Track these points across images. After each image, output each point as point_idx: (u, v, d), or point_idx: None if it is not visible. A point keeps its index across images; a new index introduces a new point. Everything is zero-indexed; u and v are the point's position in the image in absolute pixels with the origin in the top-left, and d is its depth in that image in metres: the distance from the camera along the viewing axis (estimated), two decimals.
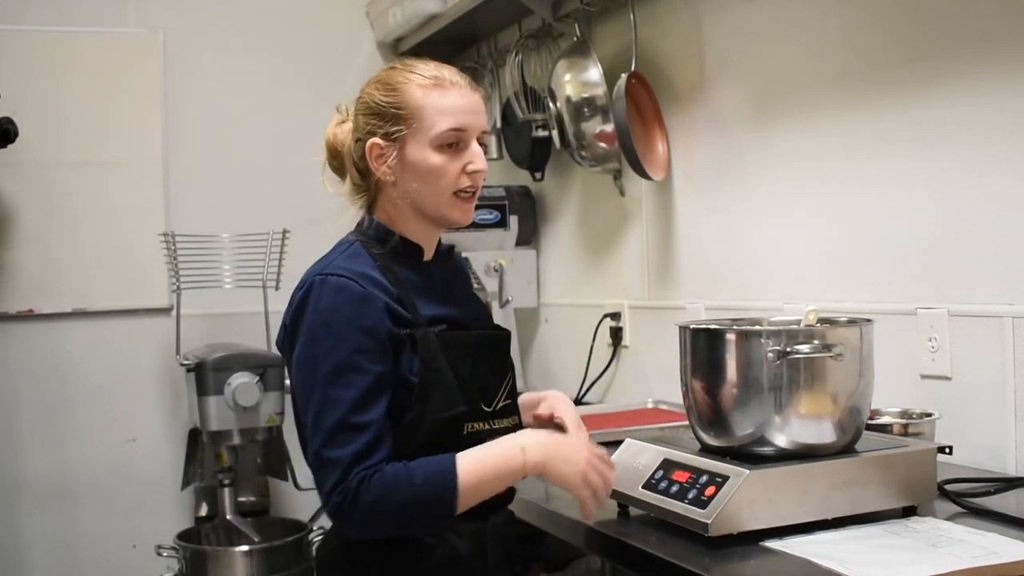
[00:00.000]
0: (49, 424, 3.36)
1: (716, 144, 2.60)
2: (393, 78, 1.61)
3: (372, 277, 1.55)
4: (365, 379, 1.48)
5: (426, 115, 1.57)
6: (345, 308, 1.51)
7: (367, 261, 1.59)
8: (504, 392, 1.64)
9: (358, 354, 1.49)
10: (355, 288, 1.52)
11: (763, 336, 1.52)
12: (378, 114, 1.59)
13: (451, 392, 1.55)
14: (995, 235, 1.88)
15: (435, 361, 1.54)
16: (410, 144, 1.57)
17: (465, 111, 1.59)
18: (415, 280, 1.62)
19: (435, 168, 1.57)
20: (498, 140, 3.44)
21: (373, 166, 1.60)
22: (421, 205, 1.61)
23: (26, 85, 3.28)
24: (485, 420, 1.60)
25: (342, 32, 3.66)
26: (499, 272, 3.21)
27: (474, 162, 1.59)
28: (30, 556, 3.34)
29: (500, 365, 1.66)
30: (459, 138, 1.58)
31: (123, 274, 3.42)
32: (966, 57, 1.92)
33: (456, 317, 1.63)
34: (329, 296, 1.52)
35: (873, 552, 1.39)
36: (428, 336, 1.55)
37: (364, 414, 1.48)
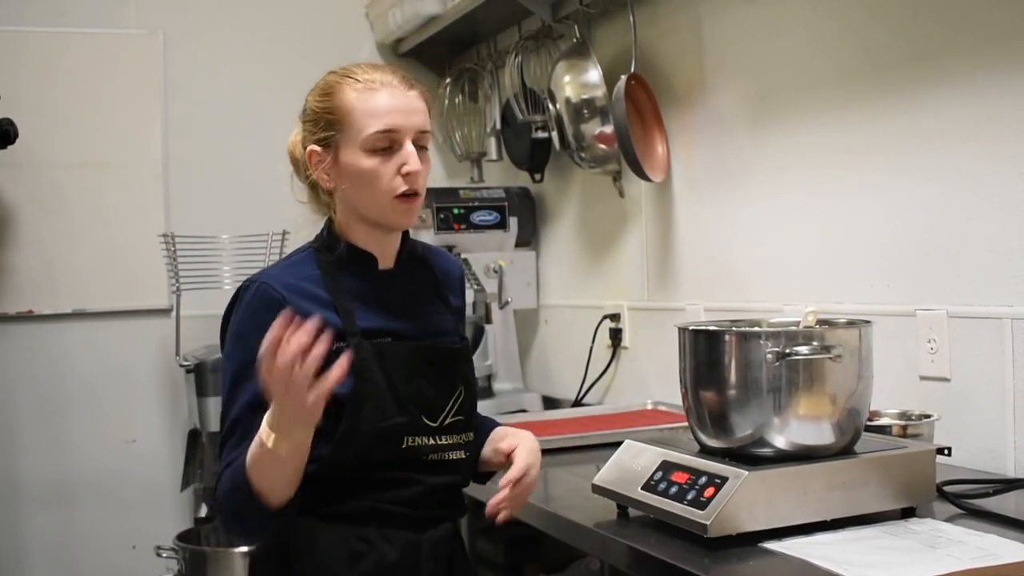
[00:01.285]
0: (49, 425, 3.36)
1: (716, 145, 2.60)
2: (328, 83, 1.61)
3: (301, 287, 1.56)
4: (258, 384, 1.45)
5: (355, 118, 1.55)
6: (257, 315, 1.52)
7: (310, 269, 1.59)
8: (452, 408, 1.61)
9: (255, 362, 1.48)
10: (272, 296, 1.53)
11: (762, 337, 1.52)
12: (313, 120, 1.59)
13: (385, 403, 1.54)
14: (995, 236, 1.89)
15: (367, 372, 1.53)
16: (342, 149, 1.56)
17: (396, 111, 1.56)
18: (360, 289, 1.60)
19: (367, 172, 1.55)
20: (498, 141, 3.44)
21: (314, 173, 1.59)
22: (361, 210, 1.59)
23: (26, 86, 3.28)
24: (429, 435, 1.58)
25: (342, 33, 3.67)
26: (498, 273, 3.21)
27: (408, 163, 1.55)
28: (30, 557, 3.34)
29: (447, 380, 1.62)
30: (391, 140, 1.55)
31: (123, 275, 3.42)
32: (966, 58, 1.93)
33: (403, 331, 1.61)
34: (248, 302, 1.56)
35: (872, 553, 1.39)
36: (362, 346, 1.54)
37: (253, 418, 1.48)
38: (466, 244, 3.24)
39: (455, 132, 3.55)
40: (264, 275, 1.59)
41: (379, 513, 1.55)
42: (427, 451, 1.57)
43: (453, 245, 3.21)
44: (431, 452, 1.58)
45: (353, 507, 1.55)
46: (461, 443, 1.63)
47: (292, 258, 1.65)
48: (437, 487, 1.59)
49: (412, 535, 1.57)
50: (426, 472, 1.58)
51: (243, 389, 1.53)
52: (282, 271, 1.61)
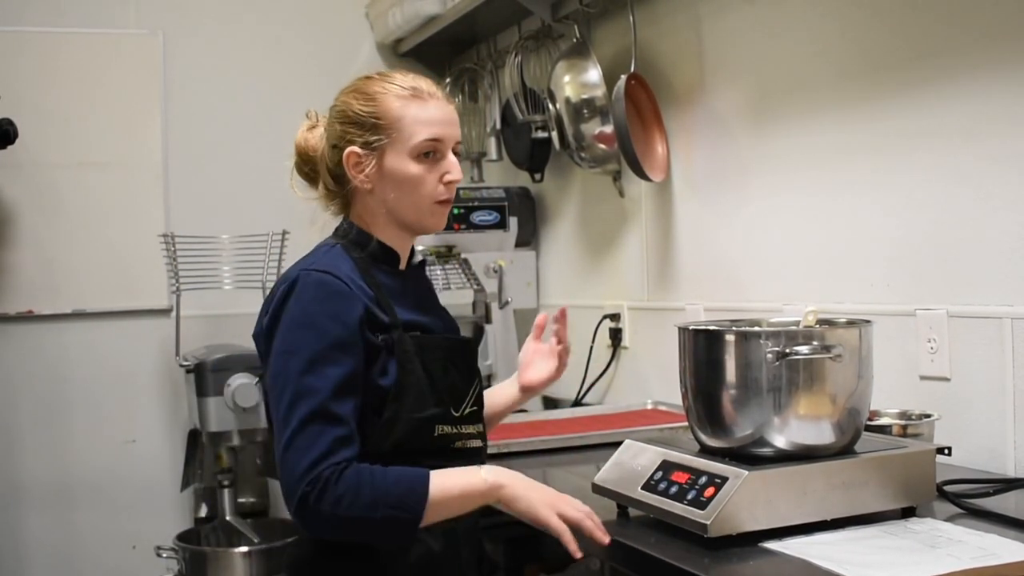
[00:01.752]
0: (49, 425, 3.36)
1: (715, 145, 2.60)
2: (371, 88, 1.64)
3: (353, 278, 1.59)
4: (342, 371, 1.50)
5: (405, 126, 1.60)
6: (327, 303, 1.54)
7: (348, 263, 1.62)
8: (472, 398, 1.67)
9: (337, 348, 1.52)
10: (339, 284, 1.55)
11: (762, 337, 1.52)
12: (356, 123, 1.62)
13: (425, 394, 1.58)
14: (994, 236, 1.89)
15: (410, 363, 1.58)
16: (389, 154, 1.61)
17: (442, 123, 1.63)
18: (392, 285, 1.65)
19: (413, 177, 1.61)
20: (498, 141, 3.44)
21: (351, 174, 1.63)
22: (399, 213, 1.64)
23: (26, 86, 3.28)
24: (453, 424, 1.63)
25: (341, 33, 3.67)
26: (498, 273, 3.21)
27: (451, 172, 1.63)
28: (30, 557, 3.34)
29: (469, 371, 1.69)
30: (436, 148, 1.62)
31: (123, 275, 3.42)
32: (965, 58, 1.93)
33: (429, 325, 1.67)
34: (312, 290, 1.55)
35: (872, 553, 1.39)
36: (404, 339, 1.58)
37: (339, 406, 1.49)
38: (466, 244, 3.24)
39: None
40: (317, 264, 1.58)
41: None
42: (453, 439, 1.63)
43: (453, 245, 3.21)
44: (456, 440, 1.63)
45: None
46: (478, 432, 1.69)
47: (328, 253, 1.63)
48: None
49: (448, 523, 1.57)
50: (452, 460, 1.60)
51: (322, 375, 1.50)
52: (331, 262, 1.59)
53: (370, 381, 1.55)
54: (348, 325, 1.52)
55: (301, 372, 1.50)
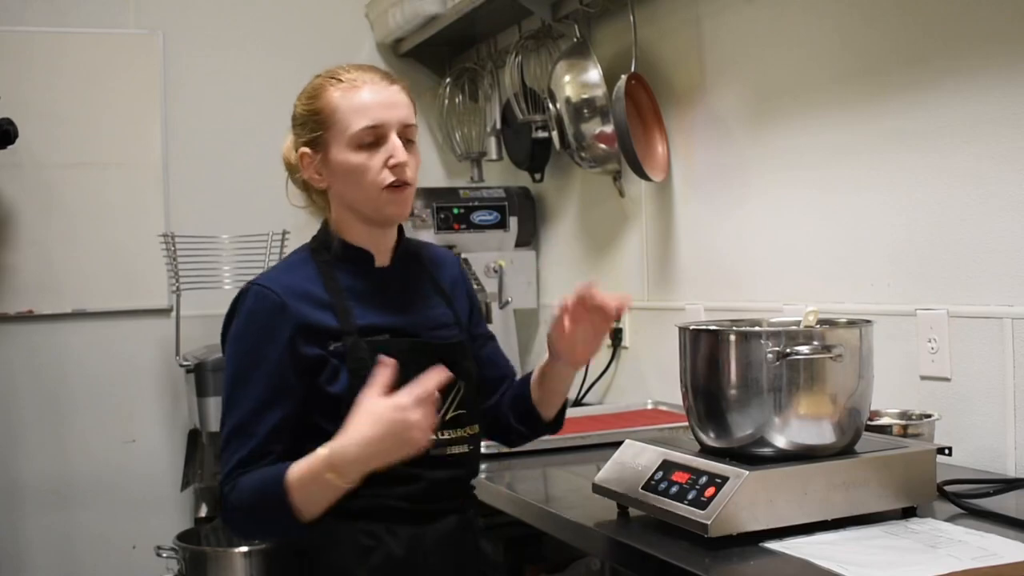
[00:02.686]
0: (49, 425, 3.36)
1: (716, 145, 2.60)
2: (313, 86, 1.65)
3: (302, 288, 1.59)
4: (261, 389, 1.54)
5: (340, 117, 1.59)
6: (257, 320, 1.57)
7: (308, 270, 1.62)
8: (453, 402, 1.63)
9: (259, 365, 1.55)
10: (272, 300, 1.56)
11: (763, 337, 1.52)
12: (302, 124, 1.64)
13: None
14: (995, 236, 1.88)
15: (364, 370, 1.54)
16: (331, 148, 1.60)
17: (378, 106, 1.59)
18: (359, 287, 1.63)
19: (356, 167, 1.59)
20: (498, 141, 3.44)
21: (306, 175, 1.64)
22: (355, 206, 1.63)
23: (26, 86, 3.28)
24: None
25: (342, 33, 3.67)
26: (499, 273, 3.21)
27: (394, 155, 1.59)
28: (30, 556, 3.34)
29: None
30: (376, 135, 1.59)
31: (123, 275, 3.42)
32: (965, 58, 1.93)
33: (402, 326, 1.63)
34: (249, 305, 1.59)
35: (873, 553, 1.39)
36: (358, 345, 1.57)
37: (257, 421, 1.54)
38: (466, 244, 3.24)
39: (455, 132, 3.55)
40: (262, 279, 1.63)
41: (383, 509, 1.57)
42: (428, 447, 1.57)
43: (453, 245, 3.21)
44: (433, 448, 1.59)
45: (359, 503, 1.55)
46: (465, 437, 1.65)
47: (290, 259, 1.68)
48: (439, 481, 1.61)
49: (416, 529, 1.58)
50: (428, 467, 1.59)
51: (245, 393, 1.56)
52: (280, 273, 1.64)
53: (318, 390, 1.55)
54: (276, 341, 1.54)
55: (231, 385, 1.58)
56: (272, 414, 1.54)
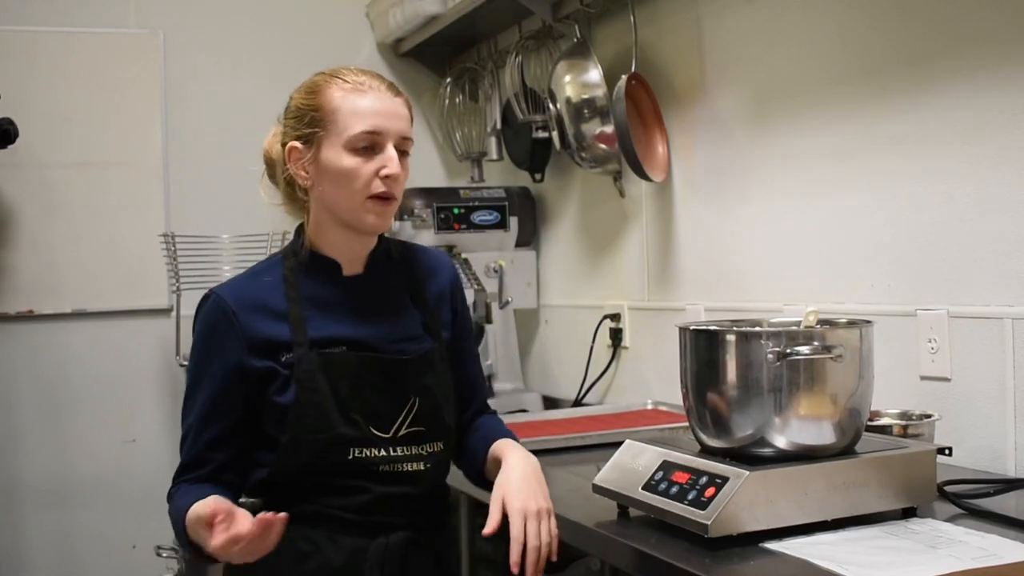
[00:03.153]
0: (49, 424, 3.36)
1: (716, 145, 2.60)
2: (314, 81, 1.63)
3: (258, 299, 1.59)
4: (206, 399, 1.58)
5: (340, 117, 1.57)
6: (208, 329, 1.60)
7: (271, 277, 1.62)
8: (407, 419, 1.60)
9: (205, 377, 1.59)
10: (224, 312, 1.57)
11: (763, 337, 1.52)
12: (297, 117, 1.61)
13: (328, 414, 1.55)
14: (995, 236, 1.88)
15: (311, 382, 1.54)
16: (324, 146, 1.57)
17: (380, 114, 1.57)
18: (321, 296, 1.61)
19: (347, 171, 1.56)
20: (498, 141, 3.44)
21: (292, 169, 1.60)
22: (336, 210, 1.59)
23: (26, 86, 3.28)
24: (380, 447, 1.57)
25: (342, 33, 3.67)
26: (499, 273, 3.21)
27: (387, 166, 1.56)
28: (30, 556, 3.34)
29: (396, 390, 1.60)
30: (373, 141, 1.56)
31: (123, 275, 3.42)
32: (966, 58, 1.93)
33: (362, 337, 1.60)
34: (203, 314, 1.62)
35: (873, 553, 1.39)
36: (308, 357, 1.56)
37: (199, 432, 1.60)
38: (466, 244, 3.24)
39: (455, 132, 3.55)
40: (221, 287, 1.64)
41: (327, 517, 1.57)
42: (378, 463, 1.58)
43: (453, 245, 3.21)
44: (382, 463, 1.58)
45: (302, 509, 1.56)
46: (423, 454, 1.61)
47: (259, 266, 1.68)
48: (387, 496, 1.58)
49: (361, 541, 1.57)
50: (377, 482, 1.57)
51: (193, 403, 1.61)
52: (240, 283, 1.64)
53: (268, 399, 1.57)
54: (223, 356, 1.57)
55: (185, 393, 1.64)
56: (211, 427, 1.59)
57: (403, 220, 3.14)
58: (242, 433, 1.60)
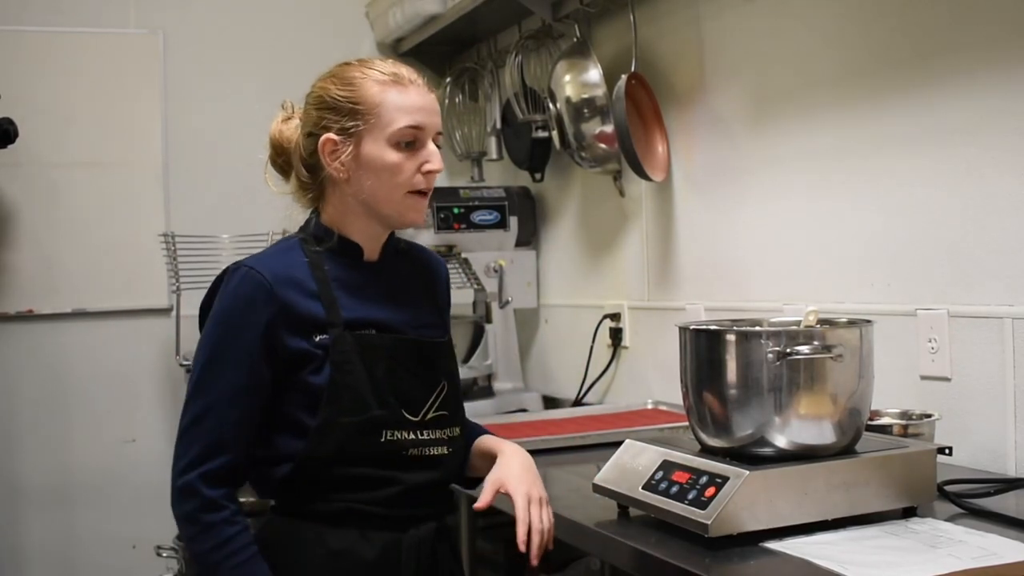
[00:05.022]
0: (49, 424, 3.36)
1: (716, 145, 2.60)
2: (350, 73, 1.60)
3: (290, 275, 1.55)
4: (235, 375, 1.50)
5: (384, 111, 1.55)
6: (243, 301, 1.52)
7: (296, 258, 1.58)
8: (436, 402, 1.60)
9: (239, 350, 1.51)
10: (259, 283, 1.52)
11: (763, 337, 1.52)
12: (333, 108, 1.57)
13: (362, 396, 1.53)
14: (995, 236, 1.88)
15: (347, 364, 1.52)
16: (366, 140, 1.55)
17: (423, 110, 1.58)
18: (347, 279, 1.59)
19: (391, 166, 1.55)
20: (498, 141, 3.44)
21: (326, 162, 1.57)
22: (374, 203, 1.58)
23: (26, 86, 3.28)
24: (410, 430, 1.56)
25: (342, 33, 3.67)
26: (499, 273, 3.21)
27: (431, 162, 1.57)
28: (30, 556, 3.34)
29: (429, 373, 1.61)
30: (416, 136, 1.57)
31: (123, 274, 3.42)
32: (965, 58, 1.93)
33: (388, 322, 1.60)
34: (234, 287, 1.54)
35: (873, 553, 1.39)
36: (343, 338, 1.53)
37: (227, 410, 1.51)
38: (466, 243, 3.24)
39: (455, 131, 3.55)
40: (252, 260, 1.58)
41: (357, 514, 1.54)
42: (408, 446, 1.56)
43: (453, 244, 3.21)
44: (412, 447, 1.56)
45: (330, 507, 1.53)
46: (445, 438, 1.61)
47: (278, 246, 1.64)
48: (417, 486, 1.57)
49: (392, 535, 1.55)
50: (406, 469, 1.56)
51: (220, 374, 1.52)
52: (270, 258, 1.59)
53: (301, 381, 1.52)
54: (257, 329, 1.50)
55: (204, 365, 1.53)
56: (239, 406, 1.51)
57: None
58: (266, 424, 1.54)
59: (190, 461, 1.53)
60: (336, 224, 1.62)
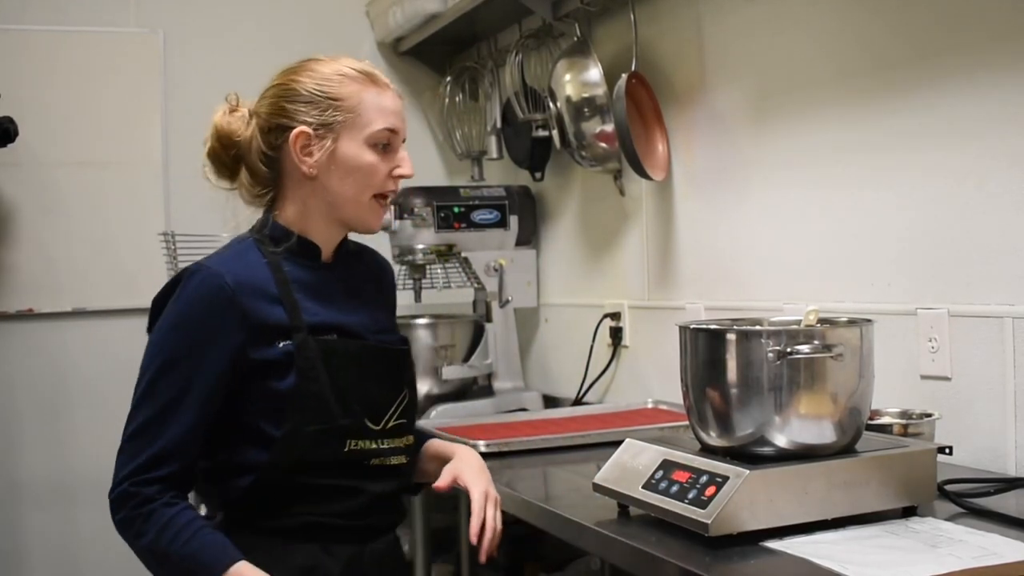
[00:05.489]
0: (48, 423, 3.36)
1: (716, 144, 2.60)
2: (324, 68, 1.56)
3: (252, 279, 1.50)
4: (189, 383, 1.45)
5: (363, 110, 1.53)
6: (202, 308, 1.47)
7: (255, 260, 1.54)
8: (396, 410, 1.58)
9: (196, 360, 1.45)
10: (223, 291, 1.47)
11: (763, 336, 1.52)
12: (309, 102, 1.54)
13: (328, 404, 1.49)
14: (996, 235, 1.88)
15: (313, 370, 1.49)
16: (344, 138, 1.53)
17: (397, 114, 1.57)
18: (308, 281, 1.56)
19: (367, 166, 1.53)
20: (498, 140, 3.44)
21: (296, 156, 1.53)
22: (339, 204, 1.55)
23: (26, 85, 3.28)
24: (372, 439, 1.54)
25: (342, 32, 3.67)
26: (499, 272, 3.21)
27: (403, 166, 1.56)
28: (30, 556, 3.34)
29: (392, 381, 1.59)
30: (391, 139, 1.55)
31: (123, 274, 3.42)
32: (967, 57, 1.92)
33: (349, 326, 1.57)
34: (192, 291, 1.48)
35: (873, 552, 1.39)
36: (308, 343, 1.50)
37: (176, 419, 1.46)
38: (466, 243, 3.23)
39: (455, 130, 3.55)
40: (212, 262, 1.53)
41: (318, 528, 1.51)
42: (370, 455, 1.54)
43: (453, 244, 3.20)
44: (374, 456, 1.55)
45: (292, 522, 1.50)
46: (402, 447, 1.60)
47: (234, 248, 1.59)
48: (380, 495, 1.56)
49: (355, 548, 1.54)
50: (368, 479, 1.54)
51: (173, 382, 1.47)
52: (229, 260, 1.54)
53: (264, 388, 1.48)
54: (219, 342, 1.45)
55: (155, 372, 1.48)
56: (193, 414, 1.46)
57: (403, 219, 3.13)
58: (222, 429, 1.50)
59: (130, 471, 1.47)
60: (296, 224, 1.58)
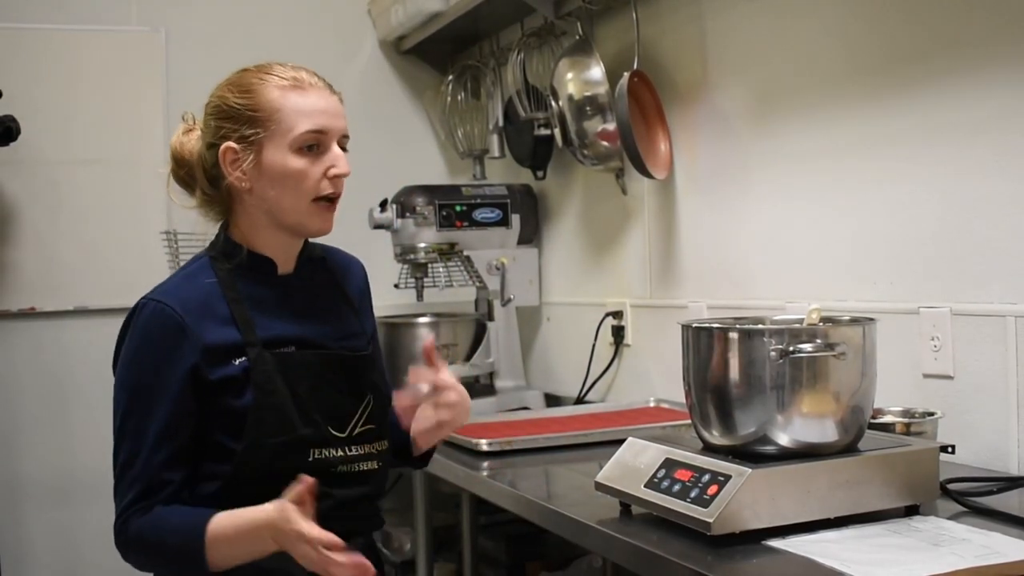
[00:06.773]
0: (52, 422, 3.36)
1: (718, 143, 2.60)
2: (247, 79, 1.56)
3: (201, 303, 1.51)
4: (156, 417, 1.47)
5: (284, 116, 1.51)
6: (155, 338, 1.49)
7: (205, 279, 1.54)
8: (362, 416, 1.58)
9: (157, 390, 1.47)
10: (171, 319, 1.48)
11: (765, 335, 1.52)
12: (231, 117, 1.53)
13: (287, 415, 1.50)
14: (998, 234, 1.88)
15: (269, 384, 1.49)
16: (267, 148, 1.51)
17: (325, 112, 1.54)
18: (261, 296, 1.56)
19: (295, 172, 1.51)
20: (500, 139, 3.44)
21: (227, 171, 1.53)
22: (278, 213, 1.54)
23: (28, 83, 3.28)
24: (337, 446, 1.54)
25: (343, 31, 3.67)
26: (501, 271, 3.21)
27: (337, 165, 1.53)
28: (32, 552, 3.34)
29: (353, 388, 1.59)
30: (319, 140, 1.53)
31: (125, 272, 3.41)
32: (969, 57, 1.92)
33: (309, 337, 1.57)
34: (143, 325, 1.50)
35: (876, 551, 1.39)
36: (263, 358, 1.50)
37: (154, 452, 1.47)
38: (468, 241, 3.23)
39: (457, 129, 3.55)
40: (159, 293, 1.54)
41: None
42: (336, 463, 1.54)
43: (455, 242, 3.21)
44: (340, 464, 1.54)
45: None
46: (374, 453, 1.60)
47: (188, 269, 1.59)
48: (348, 500, 1.55)
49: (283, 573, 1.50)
50: (336, 485, 1.53)
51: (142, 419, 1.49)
52: (177, 286, 1.55)
53: (223, 405, 1.48)
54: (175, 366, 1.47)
55: (125, 412, 1.50)
56: (167, 446, 1.47)
57: (405, 218, 3.13)
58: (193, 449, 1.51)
59: (126, 506, 1.48)
60: (245, 238, 1.58)
